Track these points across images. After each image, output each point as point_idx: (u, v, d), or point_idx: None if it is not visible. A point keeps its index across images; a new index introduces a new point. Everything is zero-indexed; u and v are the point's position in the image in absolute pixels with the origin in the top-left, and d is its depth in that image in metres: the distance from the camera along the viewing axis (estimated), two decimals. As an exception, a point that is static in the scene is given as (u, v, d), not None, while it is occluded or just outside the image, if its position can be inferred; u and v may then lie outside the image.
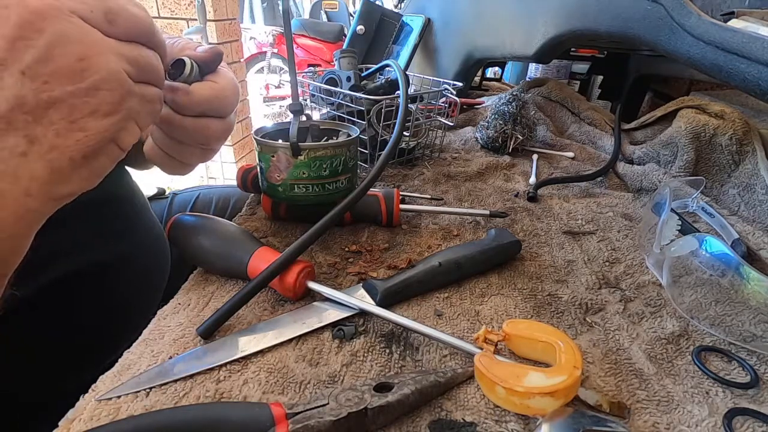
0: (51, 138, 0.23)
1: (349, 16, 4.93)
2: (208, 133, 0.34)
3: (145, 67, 0.26)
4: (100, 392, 0.28)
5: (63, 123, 0.23)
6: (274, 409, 0.25)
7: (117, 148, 0.26)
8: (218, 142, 0.36)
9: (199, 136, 0.34)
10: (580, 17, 0.64)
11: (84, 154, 0.24)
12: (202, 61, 0.33)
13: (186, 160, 0.36)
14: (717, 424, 0.28)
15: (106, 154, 0.26)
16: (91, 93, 0.23)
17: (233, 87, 0.35)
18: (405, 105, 0.50)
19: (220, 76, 0.34)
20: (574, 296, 0.40)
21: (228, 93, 0.34)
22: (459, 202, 0.58)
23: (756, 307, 0.34)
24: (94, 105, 0.23)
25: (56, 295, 0.42)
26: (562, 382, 0.26)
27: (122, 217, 0.50)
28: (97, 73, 0.23)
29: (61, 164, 0.23)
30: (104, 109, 0.24)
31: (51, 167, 0.23)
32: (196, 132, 0.34)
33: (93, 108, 0.23)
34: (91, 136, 0.24)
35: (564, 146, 0.78)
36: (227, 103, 0.34)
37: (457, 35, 0.94)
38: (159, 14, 1.84)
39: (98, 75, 0.23)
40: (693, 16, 0.47)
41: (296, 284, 0.36)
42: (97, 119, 0.24)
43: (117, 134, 0.25)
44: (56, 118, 0.23)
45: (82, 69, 0.23)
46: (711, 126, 0.60)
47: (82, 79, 0.23)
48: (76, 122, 0.23)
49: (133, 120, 0.26)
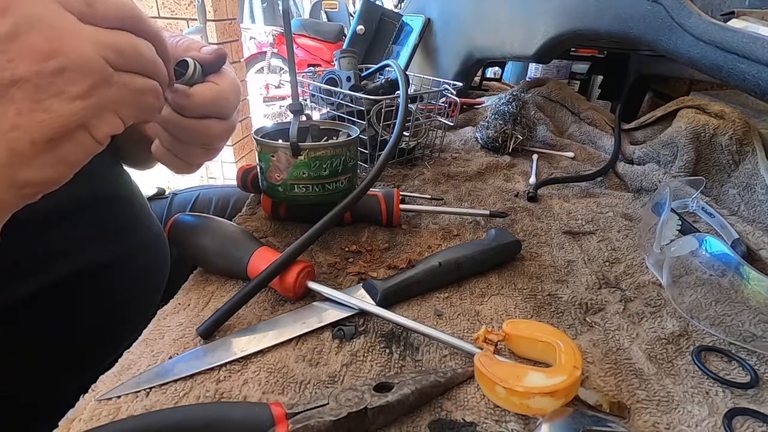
0: (12, 117, 0.22)
1: (349, 16, 4.93)
2: (210, 134, 0.34)
3: (131, 55, 0.25)
4: (100, 392, 0.28)
5: (26, 102, 0.22)
6: (274, 409, 0.25)
7: (89, 137, 0.25)
8: (221, 142, 0.36)
9: (202, 136, 0.34)
10: (580, 17, 0.64)
11: (48, 137, 0.23)
12: (206, 62, 0.33)
13: (190, 160, 0.37)
14: (717, 424, 0.28)
15: (74, 142, 0.24)
16: (58, 74, 0.22)
17: (234, 88, 0.35)
18: (405, 105, 0.50)
19: (221, 77, 0.34)
20: (574, 296, 0.40)
21: (229, 95, 0.34)
22: (459, 202, 0.58)
23: (756, 307, 0.34)
24: (59, 86, 0.22)
25: (56, 296, 0.42)
26: (562, 382, 0.26)
27: (122, 217, 0.50)
28: (65, 56, 0.22)
29: (22, 146, 0.22)
30: (72, 92, 0.23)
31: (10, 148, 0.22)
32: (198, 133, 0.34)
33: (58, 89, 0.22)
34: (56, 119, 0.23)
35: (564, 146, 0.78)
36: (228, 105, 0.34)
37: (457, 35, 0.94)
38: (159, 14, 1.84)
39: (67, 57, 0.22)
40: (693, 16, 0.47)
41: (296, 284, 0.36)
42: (62, 102, 0.23)
43: (89, 121, 0.24)
44: (19, 96, 0.22)
45: (51, 50, 0.22)
46: (711, 126, 0.60)
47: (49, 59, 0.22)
48: (40, 102, 0.22)
49: (110, 110, 0.25)
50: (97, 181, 0.47)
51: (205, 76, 0.33)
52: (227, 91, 0.34)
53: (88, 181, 0.44)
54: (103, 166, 0.48)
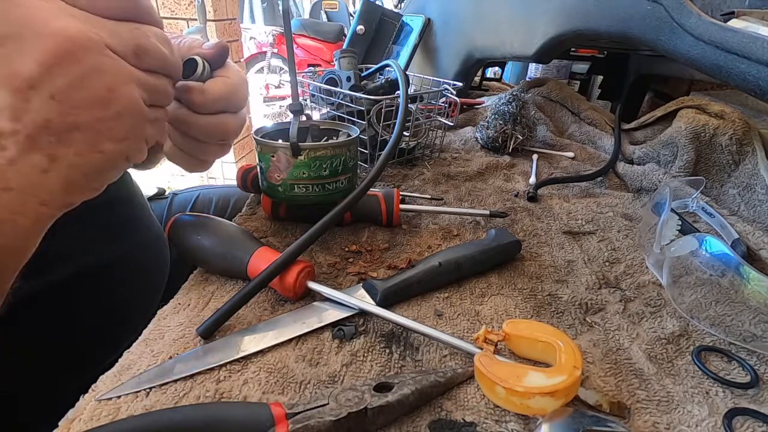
0: (71, 158, 0.24)
1: (349, 16, 4.93)
2: (227, 129, 0.35)
3: (160, 93, 0.28)
4: (100, 392, 0.28)
5: (84, 146, 0.24)
6: (274, 409, 0.25)
7: (127, 163, 0.28)
8: (235, 137, 0.37)
9: (218, 132, 0.35)
10: (580, 17, 0.64)
11: (99, 171, 0.26)
12: (211, 57, 0.33)
13: (205, 157, 0.37)
14: (717, 424, 0.28)
15: (117, 169, 0.27)
16: (115, 120, 0.25)
17: (243, 81, 0.36)
18: (405, 105, 0.50)
19: (229, 71, 0.35)
20: (574, 296, 0.40)
21: (240, 87, 0.35)
22: (459, 202, 0.58)
23: (756, 307, 0.34)
24: (113, 130, 0.25)
25: (56, 296, 0.42)
26: (562, 382, 0.26)
27: (122, 218, 0.50)
28: (121, 103, 0.25)
29: (77, 180, 0.25)
30: (122, 134, 0.26)
31: (67, 182, 0.25)
32: (216, 129, 0.35)
33: (112, 133, 0.25)
34: (108, 157, 0.26)
35: (564, 146, 0.78)
36: (240, 97, 0.35)
37: (457, 35, 0.94)
38: (159, 14, 1.84)
39: (122, 104, 0.25)
40: (693, 16, 0.47)
41: (296, 284, 0.36)
42: (115, 143, 0.25)
43: (130, 154, 0.27)
44: (79, 140, 0.24)
45: (109, 99, 0.24)
46: (711, 126, 0.60)
47: (109, 107, 0.24)
48: (96, 145, 0.25)
49: (144, 140, 0.28)
50: None
51: (213, 72, 0.34)
52: (238, 83, 0.35)
53: None
54: None
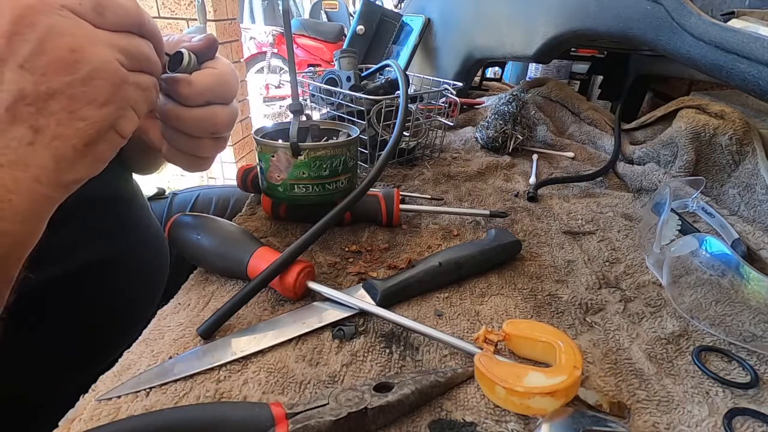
0: (53, 128, 0.24)
1: (349, 16, 4.93)
2: (217, 121, 0.35)
3: (138, 56, 0.27)
4: (100, 392, 0.28)
5: (63, 113, 0.24)
6: (274, 409, 0.25)
7: (117, 135, 0.27)
8: (227, 129, 0.37)
9: (209, 125, 0.35)
10: (580, 17, 0.64)
11: (86, 142, 0.25)
12: (199, 50, 0.33)
13: (201, 153, 0.37)
14: (717, 424, 0.28)
15: (107, 141, 0.27)
16: (87, 83, 0.24)
17: (232, 71, 0.35)
18: (405, 105, 0.50)
19: (217, 62, 0.35)
20: (574, 296, 0.40)
21: (228, 77, 0.35)
22: (459, 202, 0.58)
23: (756, 307, 0.34)
24: (90, 95, 0.25)
25: (56, 295, 0.42)
26: (562, 382, 0.26)
27: (122, 217, 0.50)
28: (89, 64, 0.24)
29: (66, 152, 0.25)
30: (101, 98, 0.25)
31: (56, 155, 0.24)
32: (205, 122, 0.34)
33: (90, 98, 0.25)
34: (91, 125, 0.25)
35: (564, 146, 0.78)
36: (229, 88, 0.35)
37: (457, 35, 0.94)
38: (159, 14, 1.84)
39: (91, 65, 0.24)
40: (693, 16, 0.47)
41: (296, 284, 0.36)
42: (95, 108, 0.25)
43: (116, 122, 0.27)
44: (57, 108, 0.24)
45: (75, 60, 0.24)
46: (711, 126, 0.60)
47: (77, 69, 0.24)
48: (76, 112, 0.24)
49: (130, 108, 0.27)
50: (100, 181, 0.47)
51: (201, 64, 0.34)
52: (226, 74, 0.34)
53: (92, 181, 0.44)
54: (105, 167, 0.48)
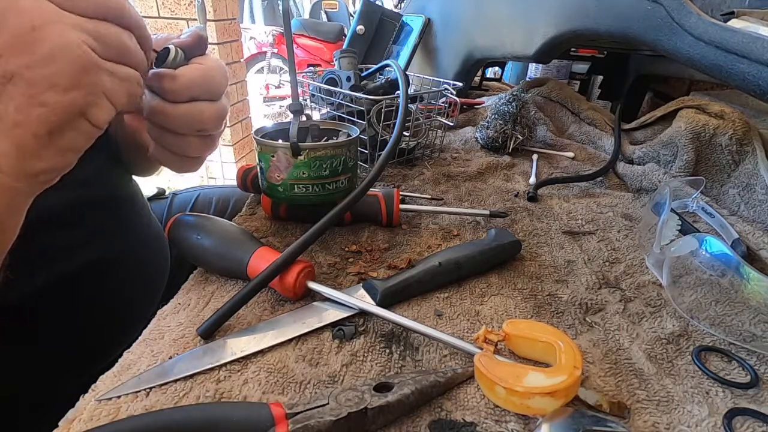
0: (12, 114, 0.23)
1: (349, 16, 4.93)
2: (203, 118, 0.34)
3: (115, 44, 0.25)
4: (100, 392, 0.28)
5: (23, 98, 0.22)
6: (274, 409, 0.25)
7: (88, 124, 0.25)
8: (215, 127, 0.36)
9: (195, 122, 0.34)
10: (580, 17, 0.64)
11: (48, 129, 0.24)
12: (186, 46, 0.33)
13: (188, 153, 0.36)
14: (717, 424, 0.28)
15: (75, 130, 0.25)
16: (47, 64, 0.22)
17: (220, 67, 0.34)
18: (405, 105, 0.50)
19: (205, 58, 0.34)
20: (574, 296, 0.40)
21: (215, 73, 0.34)
22: (459, 202, 0.58)
23: (756, 307, 0.34)
24: (52, 78, 0.23)
25: (56, 295, 0.42)
26: (562, 382, 0.26)
27: (122, 217, 0.50)
28: (50, 43, 0.22)
29: (26, 141, 0.23)
30: (64, 82, 0.23)
31: (17, 143, 0.23)
32: (191, 118, 0.33)
33: (52, 81, 0.23)
34: (52, 111, 0.23)
35: (564, 146, 0.78)
36: (215, 84, 0.34)
37: (457, 35, 0.94)
38: (159, 14, 1.84)
39: (51, 44, 0.22)
40: (693, 16, 0.47)
41: (296, 284, 0.36)
42: (57, 93, 0.23)
43: (86, 110, 0.25)
44: (15, 93, 0.22)
45: (34, 39, 0.22)
46: (711, 126, 0.60)
47: (35, 49, 0.22)
48: (35, 97, 0.23)
49: (104, 96, 0.25)
50: (100, 181, 0.47)
51: (188, 60, 0.33)
52: (213, 69, 0.33)
53: (91, 181, 0.44)
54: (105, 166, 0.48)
